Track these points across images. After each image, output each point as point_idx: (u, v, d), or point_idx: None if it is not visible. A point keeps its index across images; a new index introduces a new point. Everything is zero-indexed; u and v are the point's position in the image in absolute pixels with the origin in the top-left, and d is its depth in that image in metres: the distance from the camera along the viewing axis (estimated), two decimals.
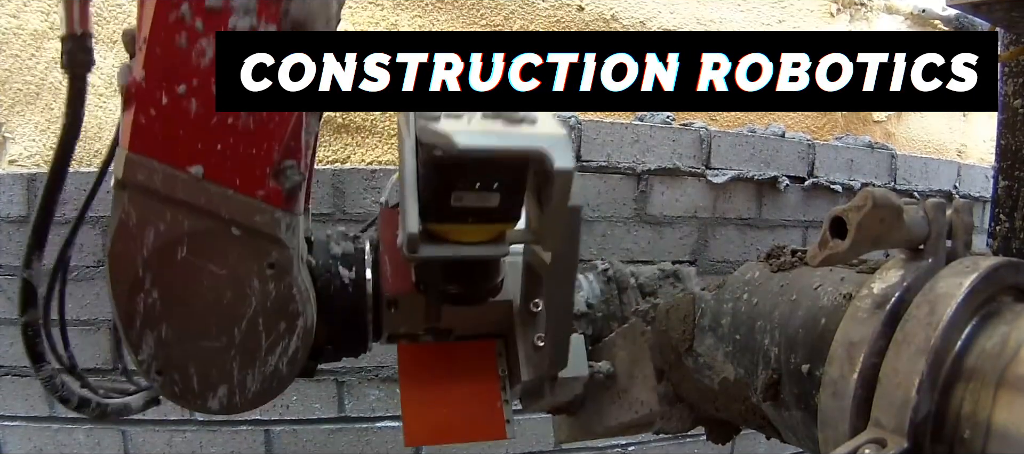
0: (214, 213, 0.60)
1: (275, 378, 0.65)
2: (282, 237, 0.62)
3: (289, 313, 0.64)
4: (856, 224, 0.42)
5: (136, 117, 0.58)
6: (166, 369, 0.63)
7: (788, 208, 1.93)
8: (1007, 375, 0.41)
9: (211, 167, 0.59)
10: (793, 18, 2.09)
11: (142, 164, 0.58)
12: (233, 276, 0.62)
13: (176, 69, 0.57)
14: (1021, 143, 1.69)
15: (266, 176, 0.60)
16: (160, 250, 0.60)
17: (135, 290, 0.61)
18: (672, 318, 0.66)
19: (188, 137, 0.58)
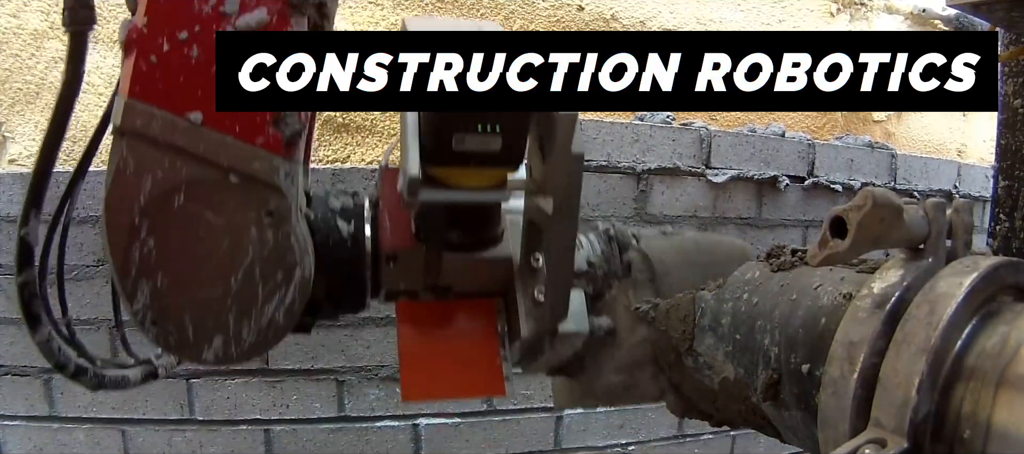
0: (212, 160, 0.59)
1: (271, 329, 0.65)
2: (281, 185, 0.62)
3: (286, 263, 0.64)
4: (856, 224, 0.42)
5: (136, 63, 0.58)
6: (161, 319, 0.63)
7: (788, 208, 1.93)
8: (1007, 375, 0.41)
9: (210, 114, 0.59)
10: (793, 18, 2.09)
11: (141, 110, 0.58)
12: (230, 224, 0.61)
13: (178, 15, 0.58)
14: (1021, 143, 1.69)
15: (266, 123, 0.60)
16: (157, 198, 0.59)
17: (131, 238, 0.60)
18: (672, 318, 0.66)
19: (188, 83, 0.58)
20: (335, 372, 1.62)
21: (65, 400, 1.56)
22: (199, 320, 0.63)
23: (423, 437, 1.69)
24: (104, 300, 1.54)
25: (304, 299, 0.67)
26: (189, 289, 0.63)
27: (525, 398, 1.76)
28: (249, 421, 1.61)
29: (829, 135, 2.13)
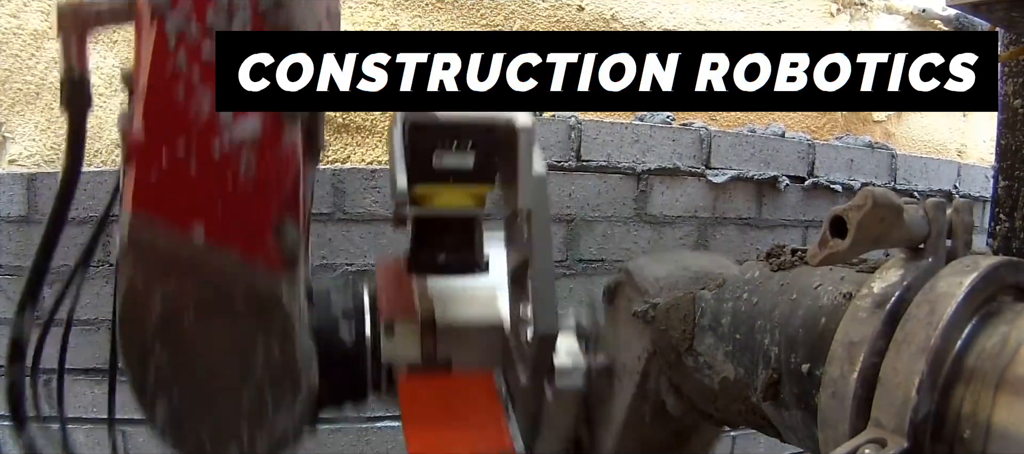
0: (217, 278, 0.59)
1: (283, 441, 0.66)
2: (284, 300, 0.61)
3: (293, 375, 0.64)
4: (856, 224, 0.42)
5: (138, 176, 0.57)
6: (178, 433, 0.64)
7: (788, 208, 1.93)
8: (1007, 375, 0.41)
9: (213, 229, 0.58)
10: (793, 18, 2.09)
11: (146, 225, 0.58)
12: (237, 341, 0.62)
13: (175, 125, 0.57)
14: (1021, 143, 1.69)
15: (267, 237, 0.60)
16: (168, 315, 0.60)
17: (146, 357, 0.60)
18: (672, 317, 0.66)
19: (189, 197, 0.58)
20: None
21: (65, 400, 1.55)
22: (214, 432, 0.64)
23: None
24: (104, 300, 1.54)
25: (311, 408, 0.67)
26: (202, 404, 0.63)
27: None
28: None
29: (829, 135, 2.13)
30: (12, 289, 1.51)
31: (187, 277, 0.59)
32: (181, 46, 0.56)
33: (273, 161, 0.59)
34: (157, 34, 0.56)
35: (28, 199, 1.51)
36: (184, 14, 0.56)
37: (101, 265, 1.53)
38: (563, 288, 1.74)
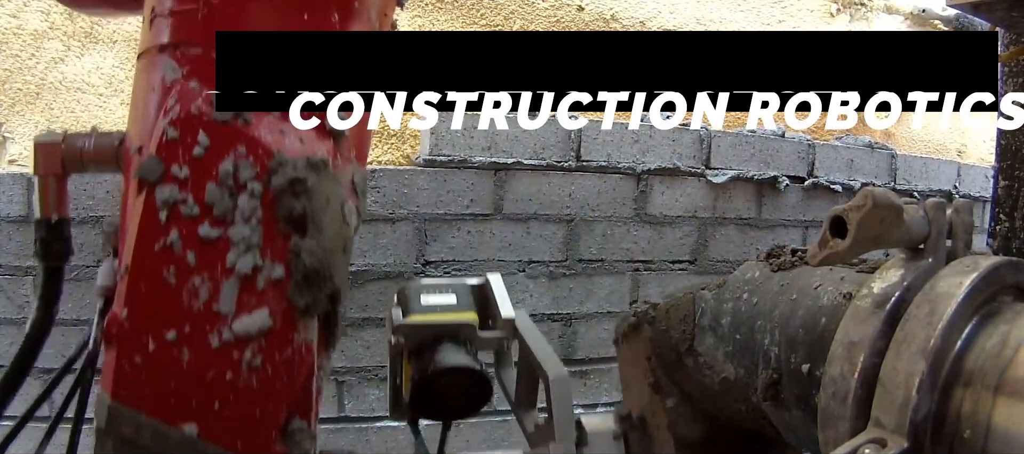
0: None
1: None
2: None
3: None
4: (856, 224, 0.42)
5: (119, 362, 0.48)
6: None
7: (788, 208, 1.93)
8: (1007, 375, 0.41)
9: (208, 427, 0.49)
10: (793, 18, 2.09)
11: (128, 417, 0.49)
12: None
13: (164, 311, 0.48)
14: (1021, 143, 1.69)
15: (272, 440, 0.51)
16: None
17: None
18: (672, 317, 0.66)
19: (180, 391, 0.49)
20: (335, 372, 1.61)
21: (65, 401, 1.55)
22: None
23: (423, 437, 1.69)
24: None
25: None
26: None
27: None
28: None
29: (829, 135, 2.13)
30: (12, 289, 1.51)
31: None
32: (174, 223, 0.48)
33: (283, 359, 0.51)
34: (146, 206, 0.48)
35: (28, 199, 1.51)
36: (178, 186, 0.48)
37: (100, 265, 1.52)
38: (563, 288, 1.74)
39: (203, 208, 0.49)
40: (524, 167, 1.65)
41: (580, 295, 1.75)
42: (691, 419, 0.67)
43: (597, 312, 1.77)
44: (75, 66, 1.53)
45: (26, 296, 1.51)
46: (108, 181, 1.48)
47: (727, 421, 0.66)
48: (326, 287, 0.52)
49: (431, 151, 1.59)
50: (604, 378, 1.81)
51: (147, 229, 0.48)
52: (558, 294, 1.74)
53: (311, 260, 0.50)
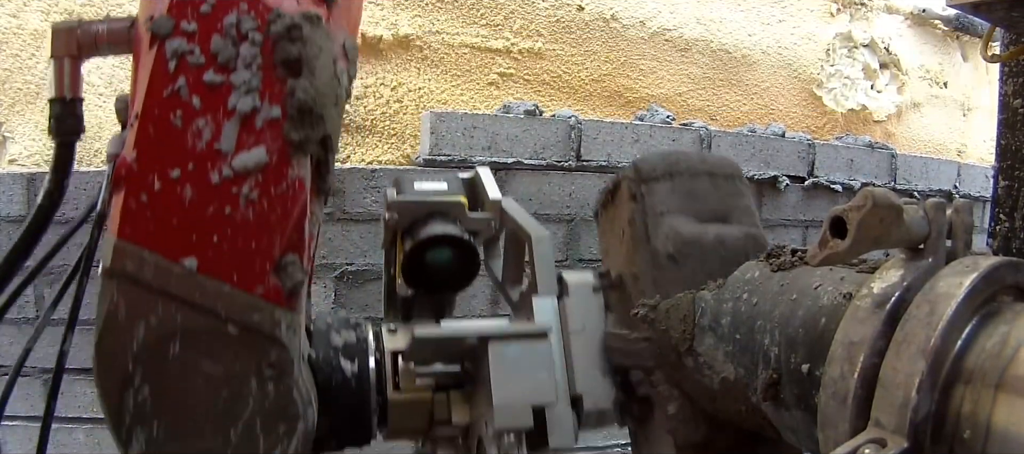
0: (209, 309, 0.55)
1: None
2: (282, 338, 0.58)
3: (288, 416, 0.60)
4: (856, 224, 0.42)
5: (126, 202, 0.53)
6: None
7: (788, 208, 1.93)
8: (1007, 375, 0.41)
9: (206, 260, 0.54)
10: (793, 18, 2.09)
11: (132, 253, 0.54)
12: (229, 376, 0.57)
13: (170, 151, 0.53)
14: (1021, 143, 1.69)
15: (266, 272, 0.56)
16: (151, 345, 0.55)
17: (124, 386, 0.56)
18: (672, 317, 0.66)
19: (182, 227, 0.54)
20: None
21: (65, 400, 1.56)
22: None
23: None
24: None
25: (308, 449, 0.62)
26: (186, 439, 0.58)
27: None
28: None
29: (829, 135, 2.13)
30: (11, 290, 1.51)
31: (175, 306, 0.55)
32: (181, 71, 0.54)
33: (278, 194, 0.56)
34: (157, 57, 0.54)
35: (28, 199, 1.51)
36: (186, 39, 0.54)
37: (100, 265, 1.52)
38: None
39: (208, 57, 0.54)
40: (524, 167, 1.65)
41: None
42: (692, 422, 0.67)
43: None
44: None
45: (26, 296, 1.51)
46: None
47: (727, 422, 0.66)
48: (318, 128, 0.57)
49: (431, 150, 1.59)
50: None
51: (157, 78, 0.53)
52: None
53: (305, 96, 0.55)
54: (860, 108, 2.18)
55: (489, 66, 1.79)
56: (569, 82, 1.86)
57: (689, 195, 0.73)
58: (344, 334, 0.70)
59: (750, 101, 2.04)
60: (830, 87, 2.14)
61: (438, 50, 1.75)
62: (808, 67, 2.11)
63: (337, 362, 0.67)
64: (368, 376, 0.68)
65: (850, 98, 2.17)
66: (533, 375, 0.61)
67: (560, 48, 1.84)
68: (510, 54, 1.80)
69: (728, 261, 0.69)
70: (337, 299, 1.61)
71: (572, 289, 0.71)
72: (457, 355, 0.66)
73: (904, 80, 2.28)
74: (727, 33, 1.97)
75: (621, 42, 1.87)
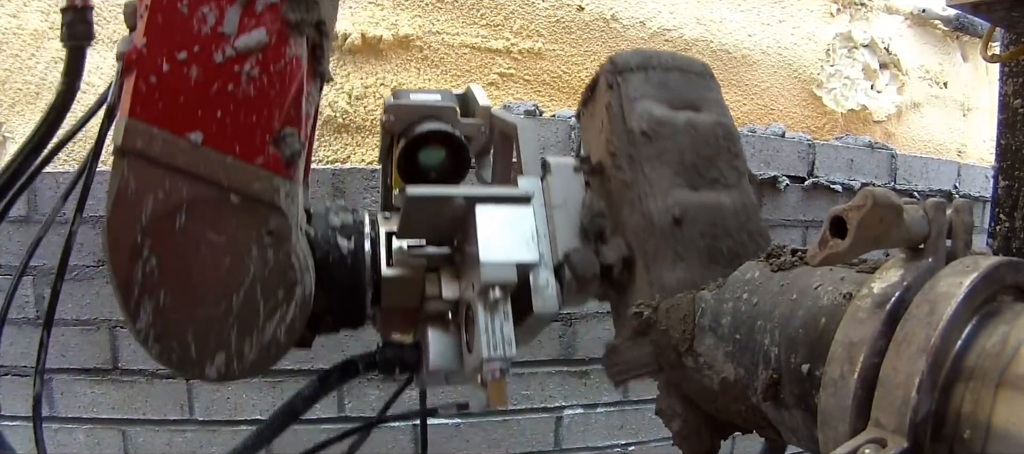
0: (213, 180, 0.60)
1: (273, 345, 0.65)
2: (281, 204, 0.63)
3: (287, 281, 0.64)
4: (856, 224, 0.42)
5: (136, 84, 0.58)
6: (164, 337, 0.63)
7: (788, 208, 1.93)
8: (1007, 375, 0.41)
9: (211, 134, 0.59)
10: (793, 18, 2.09)
11: (142, 131, 0.58)
12: (231, 243, 0.62)
13: (177, 36, 0.58)
14: (1021, 143, 1.69)
15: (266, 143, 0.61)
16: (159, 217, 0.60)
17: (133, 258, 0.61)
18: (672, 317, 0.66)
19: (188, 104, 0.59)
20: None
21: (65, 400, 1.56)
22: (201, 337, 0.64)
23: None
24: (104, 300, 1.54)
25: (305, 316, 0.67)
26: (191, 307, 0.63)
27: (525, 398, 1.76)
28: (249, 421, 1.61)
29: (829, 135, 2.13)
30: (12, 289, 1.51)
31: (182, 179, 0.59)
32: None
33: (276, 71, 0.61)
34: None
35: (28, 199, 1.51)
36: None
37: (101, 265, 1.52)
38: None
39: None
40: None
41: None
42: (697, 436, 0.68)
43: (597, 312, 1.77)
44: None
45: (26, 296, 1.51)
46: (108, 181, 1.48)
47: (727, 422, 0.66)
48: (313, 11, 0.62)
49: None
50: (604, 379, 1.81)
51: None
52: None
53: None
54: (860, 108, 2.18)
55: (489, 66, 1.79)
56: (569, 82, 1.85)
57: (662, 85, 0.77)
58: (342, 216, 0.74)
59: (750, 101, 2.04)
60: (830, 87, 2.14)
61: (438, 50, 1.75)
62: (808, 67, 2.11)
63: (334, 240, 0.71)
64: (363, 253, 0.72)
65: (850, 98, 2.17)
66: (517, 235, 0.65)
67: (560, 48, 1.84)
68: (510, 54, 1.80)
69: (698, 143, 0.74)
70: None
71: (554, 168, 0.76)
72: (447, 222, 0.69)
73: (904, 80, 2.28)
74: (727, 33, 1.97)
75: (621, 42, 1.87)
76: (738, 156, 0.78)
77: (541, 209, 0.73)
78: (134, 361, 1.57)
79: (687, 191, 0.72)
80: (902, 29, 2.29)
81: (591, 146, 0.81)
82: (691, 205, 0.71)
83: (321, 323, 0.72)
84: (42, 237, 0.79)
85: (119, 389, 1.57)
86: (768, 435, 0.60)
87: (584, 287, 0.72)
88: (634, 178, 0.72)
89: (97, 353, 1.56)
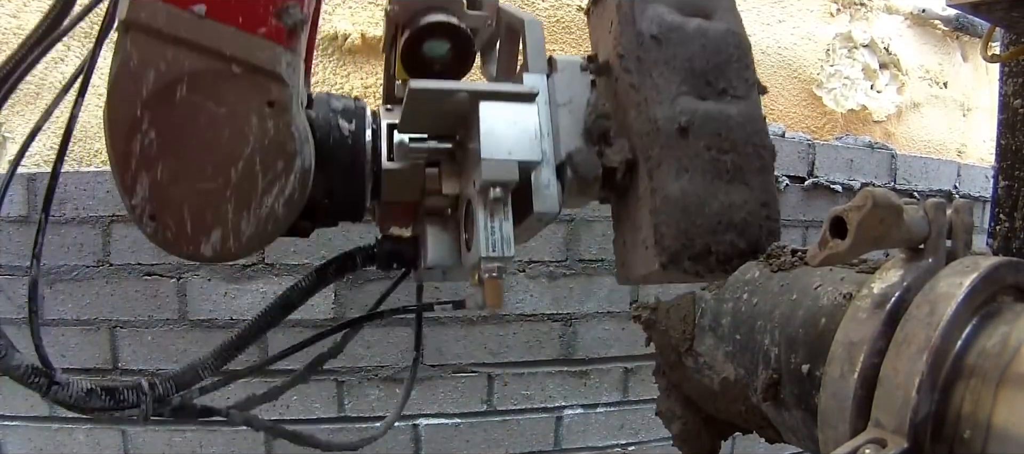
0: (216, 51, 0.61)
1: (270, 220, 0.65)
2: (283, 74, 0.63)
3: (287, 152, 0.65)
4: (856, 224, 0.42)
5: None
6: (160, 213, 0.63)
7: (788, 208, 1.93)
8: (1007, 375, 0.41)
9: (214, 5, 0.60)
10: (793, 18, 2.09)
11: (146, 3, 0.59)
12: (232, 114, 0.62)
13: None
14: (1021, 143, 1.69)
15: (268, 14, 0.61)
16: (160, 90, 0.61)
17: (132, 131, 0.61)
18: (672, 317, 0.66)
19: None
20: (335, 372, 1.61)
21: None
22: (198, 213, 0.64)
23: (423, 437, 1.69)
24: (104, 300, 1.54)
25: (304, 191, 0.67)
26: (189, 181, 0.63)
27: (525, 398, 1.76)
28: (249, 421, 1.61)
29: (829, 135, 2.13)
30: (12, 289, 1.51)
31: (184, 50, 0.60)
32: None
33: None
34: None
35: (28, 199, 1.51)
36: None
37: (101, 265, 1.52)
38: (563, 288, 1.74)
39: None
40: None
41: (580, 295, 1.75)
42: (697, 438, 0.68)
43: (597, 312, 1.77)
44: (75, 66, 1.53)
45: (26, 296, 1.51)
46: (108, 180, 1.48)
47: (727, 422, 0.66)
48: None
49: None
50: (604, 378, 1.81)
51: None
52: (558, 294, 1.74)
53: None
54: (860, 108, 2.18)
55: None
56: None
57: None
58: (343, 101, 0.74)
59: None
60: (830, 87, 2.14)
61: None
62: (808, 67, 2.11)
63: (335, 122, 0.71)
64: (364, 138, 0.72)
65: (850, 98, 2.17)
66: (520, 133, 0.64)
67: (560, 48, 1.84)
68: None
69: (709, 50, 0.74)
70: (337, 299, 1.61)
71: (561, 66, 0.74)
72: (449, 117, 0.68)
73: (904, 80, 2.28)
74: None
75: None
76: (748, 66, 0.76)
77: (545, 107, 0.73)
78: (134, 361, 1.57)
79: (695, 100, 0.71)
80: (902, 29, 2.29)
81: (599, 46, 0.80)
82: (698, 114, 0.70)
83: (319, 210, 0.72)
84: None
85: None
86: (768, 435, 0.60)
87: (586, 189, 0.71)
88: (641, 82, 0.71)
89: (97, 353, 1.56)
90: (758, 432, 0.61)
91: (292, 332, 1.59)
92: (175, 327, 1.57)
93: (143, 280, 1.55)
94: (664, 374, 0.70)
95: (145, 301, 1.55)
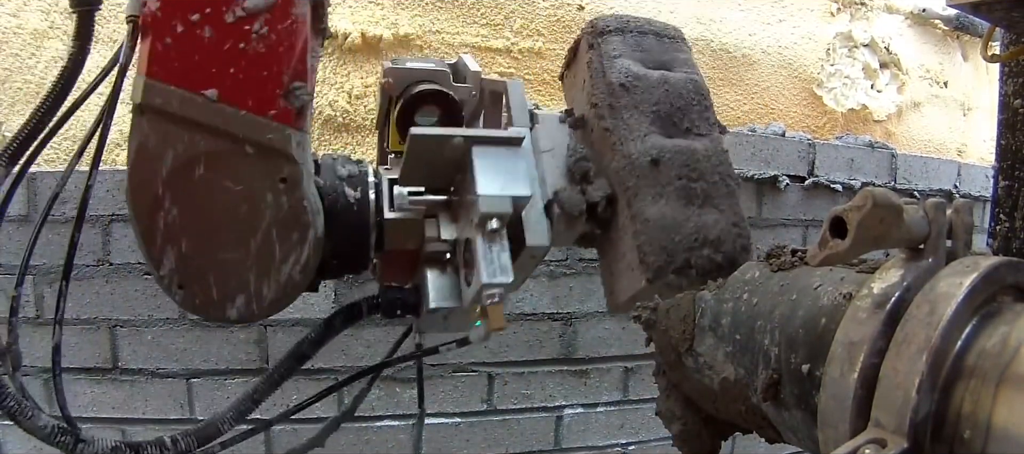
0: (229, 132, 0.63)
1: (289, 285, 0.70)
2: (293, 153, 0.66)
3: (301, 224, 0.69)
4: (856, 224, 0.42)
5: (153, 45, 0.61)
6: (187, 282, 0.67)
7: (788, 207, 1.93)
8: (1007, 374, 0.41)
9: (225, 90, 0.63)
10: (793, 18, 2.09)
11: (159, 89, 0.62)
12: (248, 191, 0.66)
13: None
14: (1021, 143, 1.68)
15: (277, 96, 0.65)
16: (178, 170, 0.64)
17: (155, 209, 0.64)
18: (672, 317, 0.66)
19: (203, 62, 0.62)
20: (335, 372, 1.61)
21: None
22: (222, 281, 0.68)
23: (423, 437, 1.69)
24: (104, 300, 1.54)
25: (317, 256, 0.71)
26: (212, 253, 0.67)
27: (525, 398, 1.76)
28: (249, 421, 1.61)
29: (829, 135, 2.13)
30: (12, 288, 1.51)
31: (199, 133, 0.63)
32: None
33: (284, 29, 0.64)
34: None
35: (28, 199, 1.51)
36: None
37: (101, 265, 1.52)
38: (563, 287, 1.74)
39: None
40: None
41: (580, 295, 1.75)
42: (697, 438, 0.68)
43: (597, 312, 1.77)
44: None
45: (26, 296, 1.51)
46: (108, 180, 1.48)
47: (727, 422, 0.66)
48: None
49: None
50: (604, 378, 1.81)
51: None
52: (558, 294, 1.74)
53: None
54: (860, 108, 2.18)
55: (489, 66, 1.78)
56: None
57: (638, 46, 0.88)
58: (348, 167, 0.79)
59: (750, 100, 2.04)
60: (830, 87, 2.14)
61: (438, 49, 1.75)
62: (808, 67, 2.10)
63: (342, 189, 0.77)
64: (368, 200, 0.78)
65: (850, 98, 2.17)
66: (512, 172, 0.71)
67: (560, 48, 1.83)
68: (510, 54, 1.80)
69: (672, 96, 0.83)
70: (337, 299, 1.61)
71: (541, 119, 0.84)
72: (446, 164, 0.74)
73: (904, 80, 2.28)
74: (727, 33, 1.97)
75: None
76: (708, 108, 0.85)
77: (530, 155, 0.79)
78: (134, 361, 1.57)
79: (663, 138, 0.79)
80: (902, 29, 2.29)
81: (574, 104, 0.88)
82: (667, 148, 0.78)
83: (327, 268, 0.76)
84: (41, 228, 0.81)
85: (119, 389, 1.57)
86: (768, 435, 0.60)
87: (572, 223, 0.79)
88: (615, 125, 0.80)
89: (97, 353, 1.56)
90: (758, 432, 0.61)
91: (292, 332, 1.59)
92: (175, 326, 1.57)
93: (143, 279, 1.55)
94: (664, 374, 0.70)
95: (145, 300, 1.55)
